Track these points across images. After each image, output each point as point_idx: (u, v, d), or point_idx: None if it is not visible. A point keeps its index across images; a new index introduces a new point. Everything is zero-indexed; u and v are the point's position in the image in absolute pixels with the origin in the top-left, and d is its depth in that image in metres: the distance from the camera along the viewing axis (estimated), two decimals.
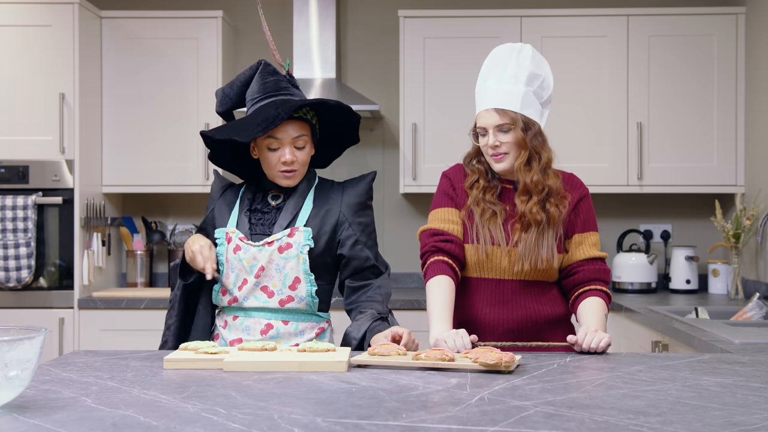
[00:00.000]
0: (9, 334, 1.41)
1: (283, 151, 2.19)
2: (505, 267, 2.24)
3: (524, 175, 2.23)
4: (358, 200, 2.28)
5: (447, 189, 2.34)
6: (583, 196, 2.33)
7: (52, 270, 3.97)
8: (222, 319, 2.30)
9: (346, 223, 2.25)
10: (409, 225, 4.48)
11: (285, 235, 2.20)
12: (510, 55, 2.26)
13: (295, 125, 2.19)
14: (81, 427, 1.28)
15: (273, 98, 2.19)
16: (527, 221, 2.22)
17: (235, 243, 2.23)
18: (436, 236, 2.27)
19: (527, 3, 4.43)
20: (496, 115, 2.22)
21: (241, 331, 2.23)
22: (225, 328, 2.27)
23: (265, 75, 2.21)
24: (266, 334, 2.21)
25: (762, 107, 3.92)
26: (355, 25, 4.57)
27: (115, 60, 4.20)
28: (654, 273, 4.23)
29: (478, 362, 1.77)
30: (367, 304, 2.24)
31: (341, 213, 2.25)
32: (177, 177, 4.21)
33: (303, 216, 2.23)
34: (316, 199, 2.27)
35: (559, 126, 3.82)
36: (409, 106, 4.18)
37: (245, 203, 2.29)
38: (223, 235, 2.26)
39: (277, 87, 2.20)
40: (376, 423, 1.30)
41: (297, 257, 2.19)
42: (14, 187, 3.92)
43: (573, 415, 1.37)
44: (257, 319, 2.22)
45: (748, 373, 1.77)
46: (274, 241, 2.20)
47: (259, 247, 2.20)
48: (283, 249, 2.19)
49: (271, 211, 2.27)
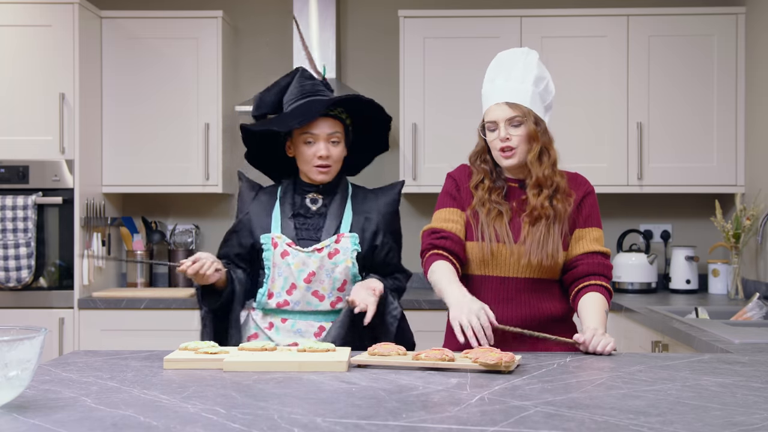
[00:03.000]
0: (9, 334, 1.41)
1: (318, 146, 2.33)
2: (510, 265, 2.25)
3: (536, 169, 2.25)
4: (391, 209, 2.46)
5: (451, 190, 2.36)
6: (588, 193, 2.35)
7: (52, 270, 3.97)
8: (266, 321, 2.38)
9: (382, 231, 2.41)
10: (409, 225, 4.45)
11: (333, 241, 2.33)
12: (518, 57, 2.31)
13: (330, 122, 2.34)
14: (81, 427, 1.28)
15: (310, 98, 2.33)
16: (537, 215, 2.24)
17: (283, 248, 2.33)
18: (435, 234, 2.30)
19: (527, 3, 4.43)
20: (507, 109, 2.24)
21: (294, 333, 2.34)
22: (271, 330, 2.36)
23: (302, 79, 2.37)
24: (320, 336, 2.32)
25: (762, 107, 3.92)
26: (355, 25, 4.57)
27: (115, 60, 4.20)
28: (654, 273, 4.22)
29: (478, 362, 1.77)
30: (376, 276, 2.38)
31: (378, 221, 2.40)
32: (177, 177, 4.21)
33: (346, 222, 2.37)
34: (354, 206, 2.41)
35: (559, 126, 3.80)
36: (409, 106, 4.18)
37: (287, 208, 2.38)
38: (269, 240, 2.35)
39: (314, 89, 2.36)
40: (376, 423, 1.31)
41: (345, 261, 2.34)
42: (14, 187, 3.92)
43: (573, 415, 1.37)
44: (310, 321, 2.35)
45: (748, 373, 1.77)
46: (324, 247, 2.33)
47: (308, 253, 2.32)
48: (332, 255, 2.33)
49: (313, 217, 2.38)
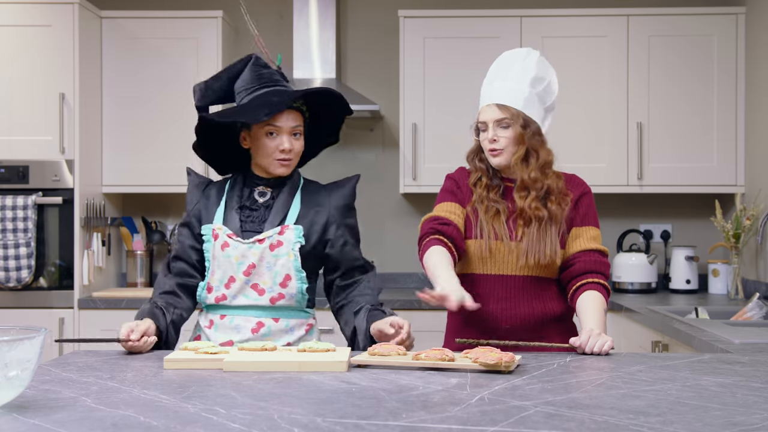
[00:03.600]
0: (9, 334, 1.41)
1: (281, 139, 2.21)
2: (509, 262, 2.26)
3: (522, 171, 2.27)
4: (345, 202, 2.32)
5: (451, 187, 2.37)
6: (584, 193, 2.36)
7: (52, 270, 3.97)
8: (207, 319, 2.28)
9: (335, 225, 2.28)
10: (409, 225, 4.48)
11: (276, 232, 2.22)
12: (517, 57, 2.32)
13: (293, 115, 2.22)
14: (81, 427, 1.28)
15: (270, 88, 2.22)
16: (528, 216, 2.25)
17: (223, 240, 2.23)
18: (436, 220, 2.30)
19: (527, 3, 4.43)
20: (497, 110, 2.26)
21: (231, 330, 2.22)
22: (210, 328, 2.26)
23: (257, 67, 2.24)
24: (257, 332, 2.21)
25: (762, 107, 3.92)
26: (355, 25, 4.57)
27: (115, 60, 4.20)
28: (654, 273, 4.22)
29: (478, 362, 1.77)
30: (360, 298, 2.27)
31: (330, 214, 2.28)
32: (177, 177, 4.19)
33: (293, 214, 2.25)
34: (304, 199, 2.29)
35: (559, 126, 3.81)
36: (409, 106, 4.18)
37: (234, 200, 2.29)
38: (210, 231, 2.26)
39: (272, 79, 2.24)
40: (376, 423, 1.30)
41: (288, 254, 2.21)
42: (14, 187, 3.92)
43: (573, 415, 1.37)
44: (247, 317, 2.22)
45: (748, 373, 1.77)
46: (265, 238, 2.21)
47: (249, 244, 2.21)
48: (274, 246, 2.21)
49: (259, 209, 2.27)
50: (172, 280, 2.29)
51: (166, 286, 2.28)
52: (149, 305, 2.20)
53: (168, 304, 2.22)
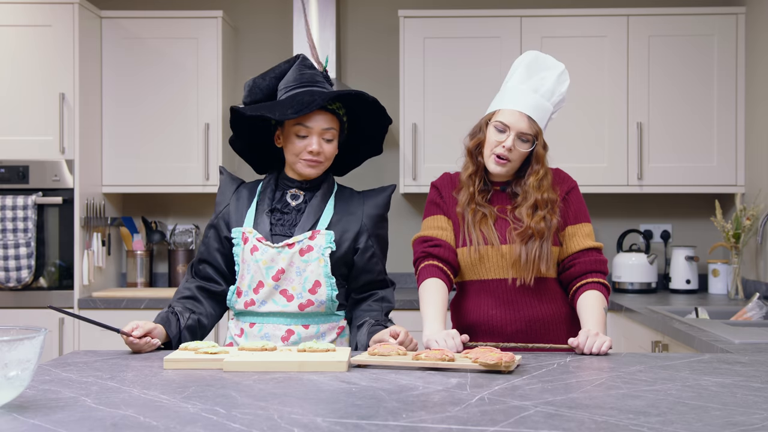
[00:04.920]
0: (9, 334, 1.41)
1: (311, 140, 2.16)
2: (501, 266, 2.26)
3: (535, 192, 2.25)
4: (378, 212, 2.27)
5: (435, 198, 2.38)
6: (572, 189, 2.35)
7: (52, 270, 3.97)
8: (237, 327, 2.24)
9: (366, 234, 2.24)
10: (409, 225, 4.48)
11: (306, 237, 2.17)
12: (553, 71, 2.28)
13: (326, 117, 2.17)
14: (81, 427, 1.28)
15: (308, 88, 2.18)
16: (530, 233, 2.23)
17: (252, 243, 2.18)
18: (426, 242, 2.31)
19: (527, 3, 4.43)
20: (526, 122, 2.23)
21: (261, 338, 2.17)
22: (241, 337, 2.22)
23: (302, 67, 2.21)
24: (288, 340, 2.16)
25: (762, 107, 3.92)
26: (355, 25, 4.57)
27: (115, 60, 4.20)
28: (654, 273, 4.22)
29: (478, 362, 1.77)
30: (366, 314, 2.23)
31: (363, 222, 2.24)
32: (177, 177, 4.21)
33: (325, 219, 2.21)
34: (337, 204, 2.25)
35: (559, 126, 3.82)
36: (409, 106, 4.19)
37: (265, 202, 2.24)
38: (240, 234, 2.21)
39: (313, 79, 2.20)
40: (376, 423, 1.30)
41: (318, 260, 2.16)
42: (14, 187, 3.92)
43: (573, 415, 1.37)
44: (276, 325, 2.18)
45: (748, 373, 1.77)
46: (295, 243, 2.16)
47: (278, 248, 2.16)
48: (304, 252, 2.16)
49: (291, 212, 2.22)
50: (193, 284, 2.26)
51: (186, 291, 2.26)
52: (165, 310, 2.18)
53: (185, 309, 2.20)
